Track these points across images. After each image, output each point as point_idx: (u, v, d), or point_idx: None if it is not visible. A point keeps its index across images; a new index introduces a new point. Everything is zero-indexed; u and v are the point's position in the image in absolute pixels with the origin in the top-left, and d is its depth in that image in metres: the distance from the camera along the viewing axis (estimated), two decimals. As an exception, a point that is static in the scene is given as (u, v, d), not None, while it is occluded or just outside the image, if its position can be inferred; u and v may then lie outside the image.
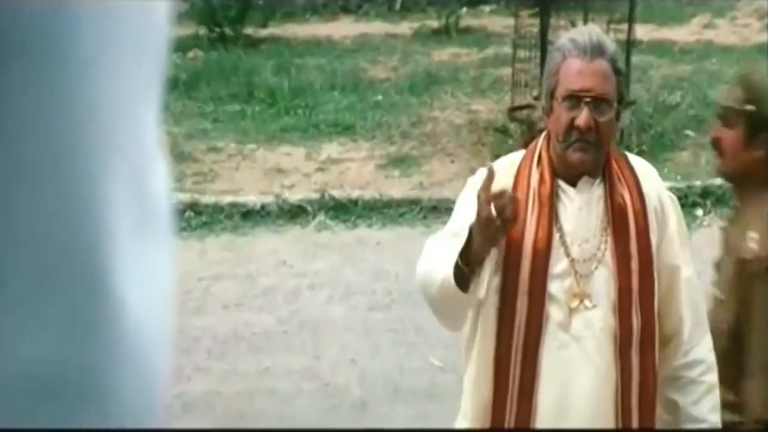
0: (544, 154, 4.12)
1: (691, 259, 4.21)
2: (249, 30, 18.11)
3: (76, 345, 0.96)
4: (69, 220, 0.94)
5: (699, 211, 10.15)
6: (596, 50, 4.02)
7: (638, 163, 4.23)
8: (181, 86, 14.73)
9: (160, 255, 1.03)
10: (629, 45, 12.20)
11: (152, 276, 1.02)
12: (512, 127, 12.85)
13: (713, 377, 4.19)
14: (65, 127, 0.93)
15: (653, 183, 4.20)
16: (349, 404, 7.96)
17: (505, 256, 4.07)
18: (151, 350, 1.02)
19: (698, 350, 4.18)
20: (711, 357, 4.19)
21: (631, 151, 10.19)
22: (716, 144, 4.61)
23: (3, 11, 0.91)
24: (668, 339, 4.17)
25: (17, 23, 0.92)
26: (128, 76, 0.98)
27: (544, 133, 4.15)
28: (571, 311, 4.05)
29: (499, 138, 12.76)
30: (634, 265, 4.06)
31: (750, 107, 4.39)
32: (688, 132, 12.82)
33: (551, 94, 4.07)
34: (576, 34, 4.20)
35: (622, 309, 4.04)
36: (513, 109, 13.01)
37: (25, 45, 0.93)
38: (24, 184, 0.93)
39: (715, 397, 4.20)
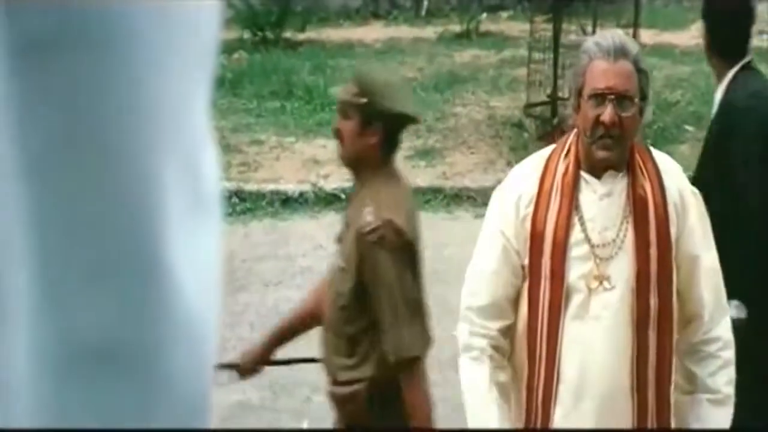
0: (572, 148, 4.12)
1: (712, 242, 4.18)
2: (288, 34, 18.11)
3: (132, 318, 0.96)
4: (128, 203, 0.94)
5: None
6: (619, 52, 4.02)
7: (662, 158, 4.22)
8: (227, 85, 14.72)
9: (209, 236, 1.02)
10: (635, 48, 12.21)
11: (202, 255, 1.01)
12: (527, 122, 12.89)
13: (730, 353, 4.18)
14: (127, 118, 0.93)
15: (675, 178, 4.18)
16: None
17: (530, 242, 4.08)
18: (201, 323, 1.01)
19: (718, 329, 4.17)
20: (728, 335, 4.19)
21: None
22: (337, 134, 4.83)
23: (71, 8, 0.91)
24: (690, 319, 4.16)
25: (87, 18, 0.91)
26: (183, 73, 0.97)
27: (574, 130, 4.14)
28: (591, 292, 4.05)
29: (516, 132, 12.78)
30: (653, 251, 4.05)
31: (363, 100, 4.62)
32: (688, 127, 12.83)
33: (579, 93, 4.06)
34: (600, 38, 4.20)
35: (640, 291, 4.03)
36: (528, 106, 13.03)
37: (92, 40, 0.92)
38: (88, 170, 0.93)
39: (730, 372, 4.19)
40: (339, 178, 12.03)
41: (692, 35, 14.97)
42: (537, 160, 4.23)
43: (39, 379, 0.94)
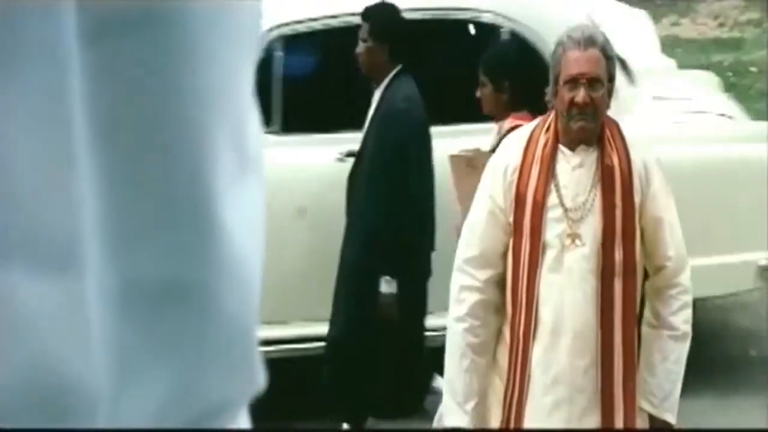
0: (551, 126, 4.12)
1: (672, 205, 4.21)
2: None
3: (188, 262, 0.96)
4: (185, 162, 0.94)
5: None
6: (588, 42, 4.06)
7: (629, 132, 4.22)
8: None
9: (253, 192, 1.02)
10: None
11: (248, 209, 1.01)
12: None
13: (688, 297, 4.20)
14: (185, 90, 0.93)
15: (641, 150, 4.18)
16: None
17: (515, 204, 4.09)
18: (248, 267, 1.01)
19: (680, 277, 4.19)
20: (688, 283, 4.20)
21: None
22: None
23: None
24: (658, 269, 4.17)
25: (150, 2, 0.92)
26: (233, 54, 0.98)
27: (553, 112, 4.16)
28: (564, 248, 4.07)
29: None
30: (618, 213, 4.06)
31: None
32: None
33: (556, 80, 4.09)
34: (572, 31, 4.21)
35: (606, 247, 4.05)
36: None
37: (154, 22, 0.92)
38: (151, 134, 0.93)
39: (687, 313, 4.21)
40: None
41: (663, 27, 14.95)
42: (523, 133, 4.24)
43: (107, 316, 0.94)
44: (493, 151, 4.60)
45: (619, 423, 4.11)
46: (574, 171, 4.11)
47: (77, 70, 0.90)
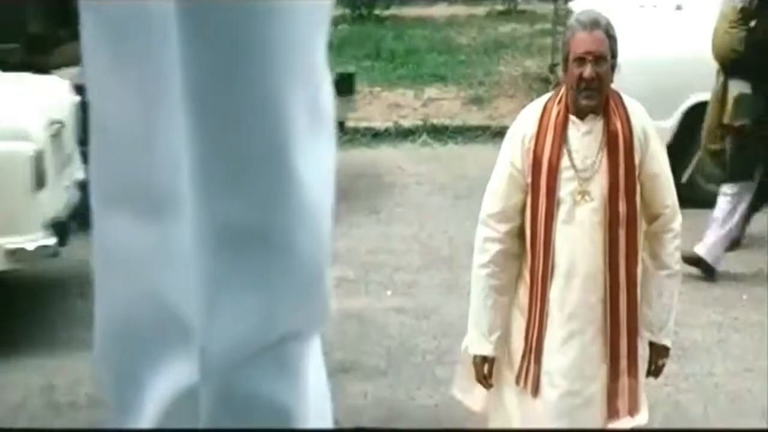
0: (563, 98, 4.11)
1: (667, 163, 4.22)
2: (377, 11, 17.93)
3: (268, 206, 0.95)
4: (265, 120, 0.94)
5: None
6: (594, 24, 4.03)
7: (630, 102, 4.17)
8: (334, 48, 14.45)
9: (325, 149, 1.00)
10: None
11: (320, 161, 0.99)
12: (551, 77, 12.75)
13: (679, 241, 4.21)
14: (268, 57, 0.93)
15: (640, 117, 4.14)
16: (440, 258, 7.97)
17: (532, 167, 4.09)
18: (321, 212, 0.99)
19: (673, 224, 4.17)
20: (679, 228, 4.19)
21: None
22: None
23: None
24: (655, 217, 4.16)
25: None
26: (309, 28, 0.97)
27: (564, 86, 4.15)
28: (576, 203, 4.07)
29: (543, 84, 12.63)
30: (621, 172, 4.04)
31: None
32: None
33: (566, 58, 4.07)
34: (579, 15, 4.20)
35: (612, 201, 4.04)
36: (552, 66, 12.91)
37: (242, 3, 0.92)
38: (237, 94, 0.93)
39: (678, 254, 4.23)
40: (413, 118, 12.07)
41: None
42: (537, 105, 4.21)
43: (201, 254, 0.95)
44: None
45: (623, 348, 4.12)
46: (584, 137, 4.10)
47: (174, 39, 0.91)
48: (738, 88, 7.42)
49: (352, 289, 7.24)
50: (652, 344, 4.26)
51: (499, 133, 11.31)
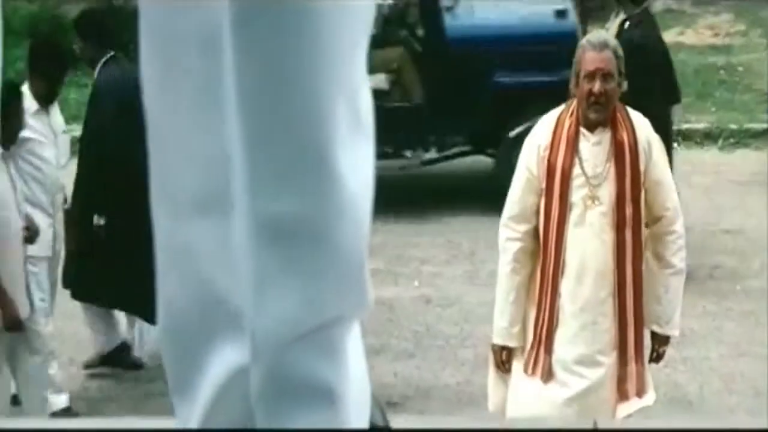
0: (574, 111, 4.12)
1: (669, 170, 4.26)
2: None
3: (311, 202, 0.94)
4: (309, 122, 0.93)
5: (675, 145, 10.08)
6: (603, 45, 4.07)
7: (634, 115, 4.18)
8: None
9: (364, 150, 0.99)
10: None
11: (360, 163, 0.98)
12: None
13: (682, 242, 4.20)
14: (312, 64, 0.92)
15: (644, 129, 4.16)
16: (463, 253, 7.92)
17: (546, 174, 4.10)
18: (360, 210, 0.98)
19: (675, 225, 4.18)
20: (682, 230, 4.20)
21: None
22: None
23: None
24: (658, 219, 4.18)
25: None
26: (351, 38, 0.96)
27: (575, 100, 4.14)
28: (586, 207, 4.10)
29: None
30: (628, 179, 4.07)
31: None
32: None
33: (577, 75, 4.08)
34: (589, 36, 4.27)
35: (619, 205, 4.07)
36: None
37: (290, 9, 0.91)
38: (284, 98, 0.92)
39: (683, 253, 4.22)
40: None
41: (671, 35, 14.68)
42: (551, 117, 4.21)
43: (249, 246, 0.94)
44: None
45: (631, 337, 4.15)
46: (593, 147, 4.12)
47: (228, 49, 0.91)
48: None
49: (383, 279, 7.24)
50: (654, 334, 4.29)
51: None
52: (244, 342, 0.97)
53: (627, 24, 7.14)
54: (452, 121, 8.60)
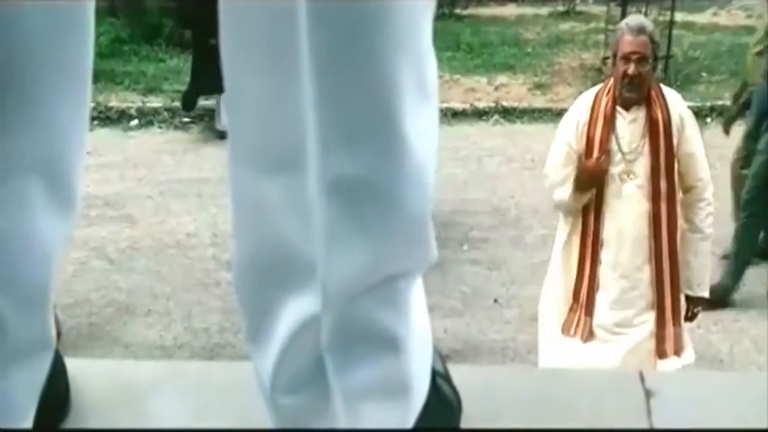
0: (611, 90, 4.07)
1: (701, 143, 4.19)
2: (457, 10, 17.57)
3: (380, 164, 0.92)
4: (378, 88, 0.90)
5: (708, 120, 9.95)
6: (640, 29, 3.99)
7: (668, 92, 4.12)
8: None
9: (429, 116, 0.96)
10: (671, 24, 11.89)
11: (425, 127, 0.95)
12: (603, 68, 12.57)
13: (711, 208, 4.15)
14: (382, 34, 0.89)
15: (677, 105, 4.09)
16: (509, 219, 7.85)
17: (585, 149, 4.07)
18: (425, 172, 0.95)
19: (705, 194, 4.13)
20: (711, 198, 4.15)
21: (671, 83, 10.02)
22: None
23: None
24: (691, 188, 4.12)
25: None
26: (417, 11, 0.94)
27: (612, 79, 4.10)
28: (622, 181, 4.05)
29: (596, 74, 12.48)
30: (662, 153, 4.00)
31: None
32: (703, 74, 12.44)
33: (614, 56, 4.05)
34: (628, 19, 4.17)
35: (654, 178, 4.01)
36: (605, 59, 12.70)
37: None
38: (355, 66, 0.89)
39: (711, 219, 4.16)
40: (487, 101, 11.98)
41: (706, 16, 14.50)
42: (590, 95, 4.18)
43: (321, 203, 0.92)
44: None
45: (668, 300, 4.10)
46: (629, 125, 4.06)
47: (303, 18, 0.88)
48: None
49: (435, 243, 7.20)
50: (687, 296, 4.23)
51: (559, 114, 11.07)
52: (316, 292, 0.96)
53: None
54: None
